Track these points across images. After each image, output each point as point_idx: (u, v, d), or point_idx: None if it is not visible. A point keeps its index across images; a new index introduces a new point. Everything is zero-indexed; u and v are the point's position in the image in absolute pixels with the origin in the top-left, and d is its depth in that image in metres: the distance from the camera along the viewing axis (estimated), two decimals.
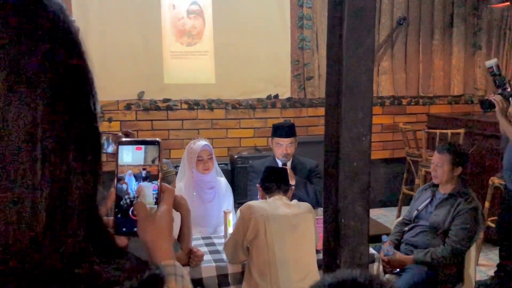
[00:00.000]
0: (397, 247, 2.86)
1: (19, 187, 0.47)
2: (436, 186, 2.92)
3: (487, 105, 3.07)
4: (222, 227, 2.73)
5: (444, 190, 2.85)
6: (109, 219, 0.73)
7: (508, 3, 5.13)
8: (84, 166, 0.51)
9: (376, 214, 4.94)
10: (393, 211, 5.09)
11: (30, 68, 0.48)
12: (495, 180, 3.72)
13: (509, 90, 3.08)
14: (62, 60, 0.50)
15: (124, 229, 0.72)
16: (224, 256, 2.43)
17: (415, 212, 2.93)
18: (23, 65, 0.47)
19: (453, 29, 5.53)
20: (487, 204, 3.74)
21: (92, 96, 0.54)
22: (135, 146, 0.74)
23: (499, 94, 3.06)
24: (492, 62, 3.17)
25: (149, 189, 0.73)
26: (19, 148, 0.47)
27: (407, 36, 5.40)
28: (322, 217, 1.95)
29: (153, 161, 0.73)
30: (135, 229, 0.72)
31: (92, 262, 0.51)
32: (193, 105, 4.79)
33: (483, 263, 3.84)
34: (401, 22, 5.28)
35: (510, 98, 3.06)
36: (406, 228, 2.94)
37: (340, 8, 1.54)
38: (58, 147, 0.49)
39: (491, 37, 5.62)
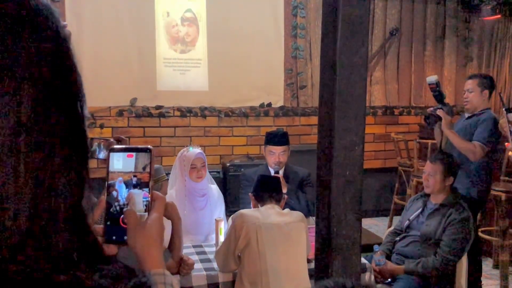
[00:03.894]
0: (388, 257, 2.86)
1: (0, 191, 0.45)
2: (428, 196, 2.93)
3: (434, 120, 3.18)
4: (214, 235, 2.71)
5: (436, 200, 2.85)
6: (99, 227, 0.71)
7: (499, 16, 5.20)
8: (70, 170, 0.50)
9: (368, 223, 4.94)
10: (384, 220, 5.10)
11: (14, 69, 0.47)
12: None
13: (448, 104, 3.24)
14: (49, 62, 0.49)
15: (114, 237, 0.71)
16: (215, 265, 2.40)
17: (407, 222, 2.92)
18: (7, 65, 0.46)
19: (445, 40, 5.59)
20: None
21: (80, 99, 0.53)
22: (126, 153, 0.73)
23: (439, 108, 3.18)
24: (433, 78, 3.28)
25: (140, 197, 0.72)
26: (2, 150, 0.46)
27: (399, 46, 5.45)
28: (314, 226, 1.95)
29: (144, 168, 0.72)
30: (125, 238, 0.71)
31: (76, 269, 0.50)
32: (186, 112, 4.78)
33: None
34: (394, 33, 5.33)
35: (450, 112, 3.20)
36: (398, 238, 2.93)
37: (334, 18, 1.55)
38: (43, 150, 0.48)
39: (482, 49, 5.69)
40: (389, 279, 2.75)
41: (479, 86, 3.25)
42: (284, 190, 2.89)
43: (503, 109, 1.62)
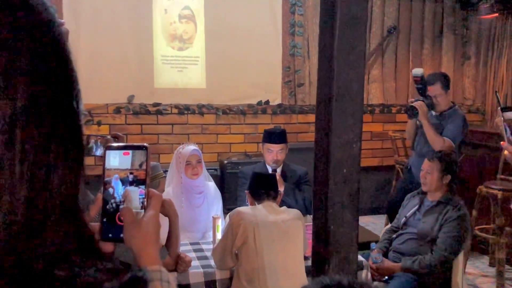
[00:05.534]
0: (385, 254, 2.86)
1: None
2: (424, 193, 2.94)
3: (414, 112, 3.31)
4: (211, 233, 2.71)
5: (433, 197, 2.86)
6: (96, 225, 0.71)
7: (497, 14, 5.20)
8: (66, 165, 0.50)
9: (365, 221, 4.95)
10: (381, 218, 5.11)
11: (10, 65, 0.47)
12: (482, 189, 3.75)
13: (429, 97, 3.40)
14: (44, 58, 0.49)
15: (110, 235, 0.71)
16: (212, 262, 2.41)
17: (403, 219, 2.93)
18: (2, 61, 0.46)
19: (442, 39, 5.59)
20: (474, 213, 3.77)
21: (75, 95, 0.53)
22: (122, 151, 0.73)
23: (421, 100, 3.34)
24: (419, 71, 3.42)
25: (136, 194, 0.72)
26: None
27: (397, 45, 5.45)
28: (311, 224, 1.95)
29: (140, 166, 0.72)
30: (122, 235, 0.71)
31: (72, 264, 0.50)
32: (184, 109, 4.77)
33: (470, 271, 3.86)
34: (392, 31, 5.32)
35: (430, 105, 3.38)
36: (394, 235, 2.94)
37: (332, 15, 1.55)
38: (39, 146, 0.48)
39: (479, 48, 5.69)
40: (386, 277, 2.76)
41: (443, 89, 3.41)
42: (281, 188, 2.89)
43: (499, 108, 1.62)
